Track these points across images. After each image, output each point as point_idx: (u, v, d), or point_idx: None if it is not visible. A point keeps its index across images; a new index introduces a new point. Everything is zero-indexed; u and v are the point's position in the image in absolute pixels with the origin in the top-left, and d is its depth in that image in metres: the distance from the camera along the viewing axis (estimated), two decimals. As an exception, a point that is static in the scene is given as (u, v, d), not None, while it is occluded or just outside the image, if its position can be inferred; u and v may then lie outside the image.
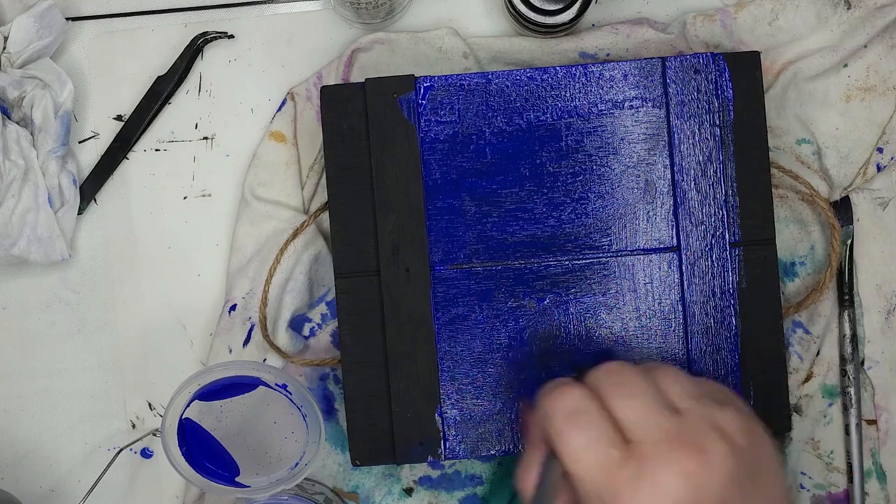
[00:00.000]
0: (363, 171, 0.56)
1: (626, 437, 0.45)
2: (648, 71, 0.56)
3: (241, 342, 0.60)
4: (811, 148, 0.60)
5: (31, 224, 0.59)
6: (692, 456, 0.44)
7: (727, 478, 0.44)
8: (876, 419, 0.60)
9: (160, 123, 0.62)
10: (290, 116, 0.61)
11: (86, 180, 0.62)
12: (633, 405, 0.46)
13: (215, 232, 0.62)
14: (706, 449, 0.44)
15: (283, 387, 0.55)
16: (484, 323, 0.56)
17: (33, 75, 0.59)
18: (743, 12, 0.60)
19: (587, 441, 0.45)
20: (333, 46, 0.61)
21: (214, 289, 0.62)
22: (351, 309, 0.56)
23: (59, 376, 0.62)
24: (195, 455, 0.56)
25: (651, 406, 0.46)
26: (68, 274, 0.62)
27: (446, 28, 0.60)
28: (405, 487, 0.61)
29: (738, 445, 0.45)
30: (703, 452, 0.44)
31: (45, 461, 0.62)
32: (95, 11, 0.62)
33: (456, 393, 0.56)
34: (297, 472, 0.55)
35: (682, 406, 0.46)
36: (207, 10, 0.62)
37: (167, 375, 0.61)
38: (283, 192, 0.60)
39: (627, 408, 0.46)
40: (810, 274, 0.60)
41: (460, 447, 0.56)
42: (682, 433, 0.45)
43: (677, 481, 0.43)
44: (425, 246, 0.56)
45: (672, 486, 0.43)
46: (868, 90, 0.60)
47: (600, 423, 0.45)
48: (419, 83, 0.56)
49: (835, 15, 0.60)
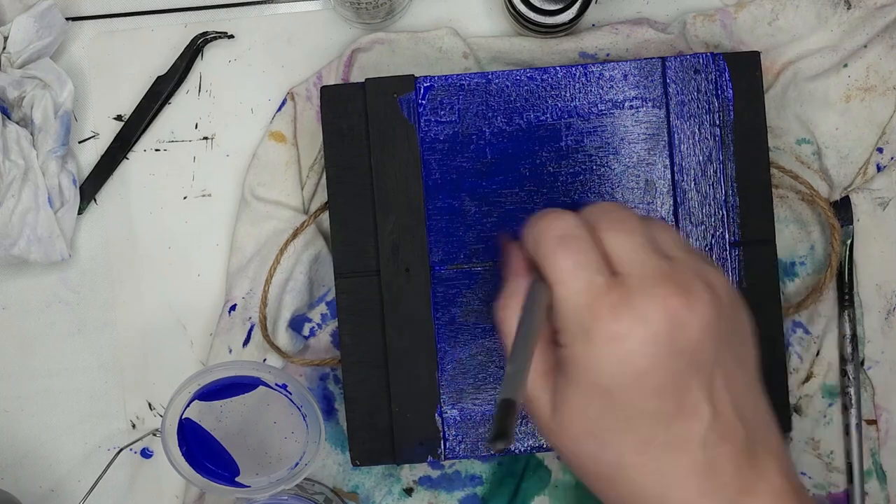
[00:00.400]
0: (363, 171, 0.56)
1: (615, 270, 0.44)
2: (648, 71, 0.56)
3: (241, 342, 0.60)
4: (811, 148, 0.60)
5: (30, 224, 0.59)
6: (678, 295, 0.43)
7: (707, 326, 0.44)
8: (876, 419, 0.60)
9: (160, 123, 0.62)
10: (290, 116, 0.61)
11: (86, 180, 0.62)
12: (626, 241, 0.45)
13: (215, 232, 0.62)
14: (692, 292, 0.44)
15: (283, 387, 0.55)
16: (484, 322, 0.56)
17: (33, 75, 0.59)
18: (743, 12, 0.60)
19: (574, 263, 0.44)
20: (333, 46, 0.61)
21: (214, 289, 0.62)
22: (351, 309, 0.56)
23: (59, 376, 0.62)
24: (195, 455, 0.56)
25: (643, 246, 0.45)
26: (68, 274, 0.62)
27: (446, 28, 0.60)
28: (405, 487, 0.61)
29: (722, 300, 0.45)
30: (689, 295, 0.44)
31: (45, 461, 0.62)
32: (95, 11, 0.62)
33: (456, 393, 0.56)
34: (297, 472, 0.55)
35: (673, 254, 0.46)
36: (207, 10, 0.62)
37: (167, 375, 0.61)
38: (283, 192, 0.60)
39: (619, 243, 0.45)
40: (810, 274, 0.60)
41: (460, 447, 0.56)
42: (671, 274, 0.44)
43: (659, 315, 0.43)
44: (425, 246, 0.56)
45: (653, 318, 0.43)
46: (868, 90, 0.60)
47: (590, 250, 0.45)
48: (419, 83, 0.56)
49: (835, 15, 0.60)
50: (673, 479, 0.44)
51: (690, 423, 0.44)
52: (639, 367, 0.43)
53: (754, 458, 0.44)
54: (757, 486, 0.44)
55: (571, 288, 0.44)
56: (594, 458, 0.45)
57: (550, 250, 0.45)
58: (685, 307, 0.43)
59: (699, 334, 0.43)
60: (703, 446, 0.43)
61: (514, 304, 0.47)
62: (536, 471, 0.60)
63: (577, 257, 0.44)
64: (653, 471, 0.44)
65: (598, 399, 0.43)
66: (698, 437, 0.44)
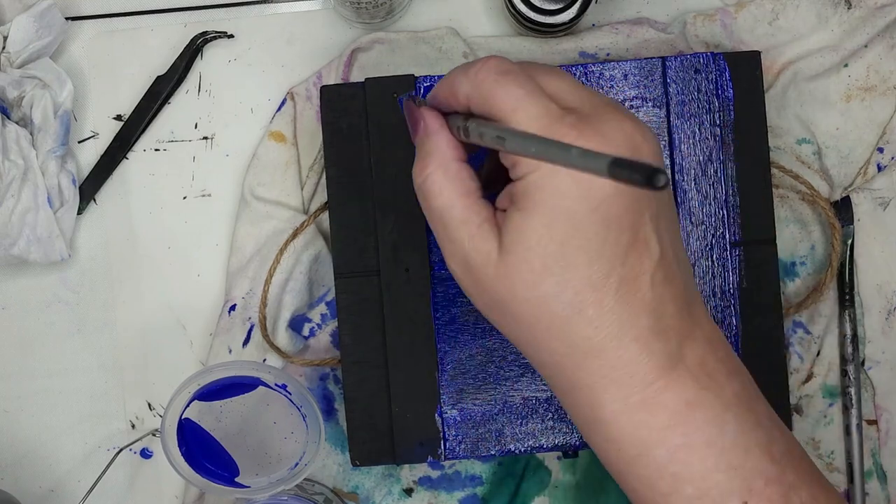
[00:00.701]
0: (363, 171, 0.56)
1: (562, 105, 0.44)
2: (649, 71, 0.56)
3: (241, 342, 0.60)
4: (811, 148, 0.60)
5: (30, 224, 0.59)
6: (631, 120, 0.43)
7: (657, 155, 0.44)
8: (876, 419, 0.60)
9: (160, 123, 0.62)
10: (289, 116, 0.61)
11: (85, 180, 0.62)
12: (563, 81, 0.45)
13: (215, 232, 0.62)
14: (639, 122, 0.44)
15: (283, 387, 0.55)
16: (484, 322, 0.56)
17: (33, 75, 0.59)
18: (743, 12, 0.60)
19: (525, 92, 0.44)
20: (333, 46, 0.61)
21: (214, 289, 0.62)
22: (351, 309, 0.56)
23: (59, 376, 0.62)
24: (195, 455, 0.56)
25: (578, 85, 0.45)
26: (68, 274, 0.62)
27: (446, 28, 0.60)
28: (405, 488, 0.61)
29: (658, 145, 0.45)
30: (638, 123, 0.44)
31: (45, 461, 0.62)
32: (95, 11, 0.62)
33: (456, 393, 0.56)
34: (297, 472, 0.55)
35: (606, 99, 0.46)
36: (207, 10, 0.62)
37: (167, 375, 0.61)
38: (283, 192, 0.60)
39: (556, 82, 0.45)
40: (811, 274, 0.60)
41: (460, 447, 0.56)
42: (616, 106, 0.44)
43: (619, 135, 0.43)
44: (425, 246, 0.56)
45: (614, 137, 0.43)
46: (868, 90, 0.60)
47: (535, 83, 0.44)
48: (419, 83, 0.56)
49: (835, 14, 0.60)
50: (627, 316, 0.43)
51: (642, 258, 0.43)
52: (604, 189, 0.42)
53: (690, 305, 0.45)
54: (694, 332, 0.44)
55: (528, 113, 0.43)
56: (548, 300, 0.43)
57: (496, 84, 0.44)
58: (639, 132, 0.43)
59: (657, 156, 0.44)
60: (651, 284, 0.43)
61: (436, 163, 0.46)
62: (536, 471, 0.60)
63: (526, 86, 0.44)
64: (610, 310, 0.43)
65: (561, 227, 0.42)
66: (648, 273, 0.43)
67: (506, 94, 0.44)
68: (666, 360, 0.44)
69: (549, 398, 0.56)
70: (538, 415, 0.56)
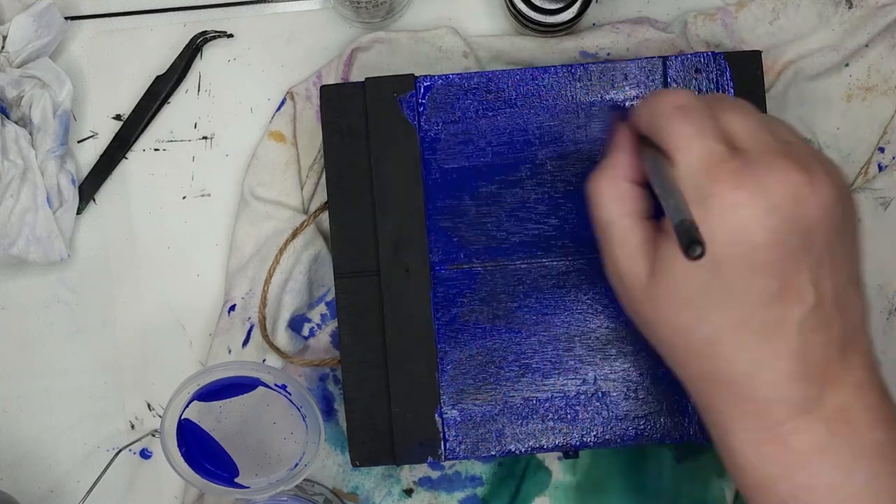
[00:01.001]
0: (363, 171, 0.56)
1: (734, 146, 0.44)
2: (649, 70, 0.56)
3: (241, 342, 0.60)
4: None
5: (29, 224, 0.59)
6: (800, 172, 0.43)
7: (825, 208, 0.43)
8: (877, 420, 0.60)
9: (159, 123, 0.62)
10: (289, 116, 0.61)
11: (85, 180, 0.61)
12: (745, 120, 0.45)
13: (215, 232, 0.62)
14: (813, 173, 0.43)
15: (283, 387, 0.55)
16: (484, 323, 0.56)
17: (32, 75, 0.59)
18: (744, 11, 0.60)
19: (695, 130, 0.44)
20: (333, 46, 0.61)
21: (214, 289, 0.62)
22: (351, 309, 0.56)
23: (59, 376, 0.62)
24: (194, 456, 0.56)
25: (762, 126, 0.45)
26: (67, 274, 0.62)
27: (446, 27, 0.60)
28: (405, 488, 0.61)
29: (840, 187, 0.44)
30: (811, 174, 0.43)
31: (45, 461, 0.62)
32: (94, 11, 0.62)
33: (456, 393, 0.56)
34: (297, 472, 0.55)
35: (790, 139, 0.46)
36: (206, 10, 0.62)
37: (166, 376, 0.61)
38: (283, 192, 0.60)
39: (738, 121, 0.45)
40: (811, 274, 0.60)
41: (460, 448, 0.56)
42: (791, 153, 0.44)
43: (781, 188, 0.42)
44: (425, 246, 0.56)
45: (774, 190, 0.42)
46: (869, 90, 0.60)
47: (710, 121, 0.44)
48: (419, 83, 0.56)
49: (836, 14, 0.60)
50: (765, 359, 0.44)
51: (792, 306, 0.43)
52: (754, 238, 0.42)
53: (844, 351, 0.45)
54: (843, 377, 0.44)
55: (692, 153, 0.44)
56: (687, 330, 0.45)
57: (670, 118, 0.45)
58: (807, 184, 0.43)
59: (817, 214, 0.43)
60: (799, 331, 0.44)
61: (607, 178, 0.47)
62: (537, 472, 0.60)
63: (697, 124, 0.44)
64: (746, 349, 0.44)
65: (706, 269, 0.43)
66: (797, 321, 0.43)
67: (674, 131, 0.44)
68: (801, 403, 0.44)
69: (549, 398, 0.56)
70: (538, 415, 0.56)
